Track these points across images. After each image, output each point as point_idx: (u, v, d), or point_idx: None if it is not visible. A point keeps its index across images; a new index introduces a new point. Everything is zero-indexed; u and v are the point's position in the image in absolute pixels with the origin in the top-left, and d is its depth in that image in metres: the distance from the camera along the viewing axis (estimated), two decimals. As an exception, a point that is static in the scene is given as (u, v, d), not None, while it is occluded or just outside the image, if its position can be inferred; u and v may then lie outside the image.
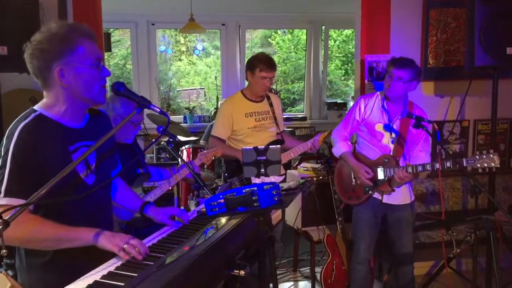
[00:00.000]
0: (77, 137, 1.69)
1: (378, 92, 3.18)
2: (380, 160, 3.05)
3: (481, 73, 3.67)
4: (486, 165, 2.73)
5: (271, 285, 2.56)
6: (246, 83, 3.61)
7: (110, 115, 2.12)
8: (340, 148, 3.20)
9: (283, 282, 4.06)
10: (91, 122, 1.78)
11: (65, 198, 1.61)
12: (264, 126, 3.48)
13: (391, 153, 3.05)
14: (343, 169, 3.26)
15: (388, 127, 3.07)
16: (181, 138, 5.16)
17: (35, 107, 1.67)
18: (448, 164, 2.78)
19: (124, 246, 1.56)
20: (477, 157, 2.75)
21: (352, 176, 3.17)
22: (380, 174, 3.03)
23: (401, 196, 3.13)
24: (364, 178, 3.03)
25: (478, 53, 3.37)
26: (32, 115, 1.62)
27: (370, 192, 3.08)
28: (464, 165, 2.76)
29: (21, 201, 1.47)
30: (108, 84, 1.75)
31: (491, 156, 2.72)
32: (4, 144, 1.57)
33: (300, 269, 4.29)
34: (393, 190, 3.06)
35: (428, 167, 2.85)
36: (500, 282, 2.91)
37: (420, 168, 2.86)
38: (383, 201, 3.13)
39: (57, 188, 1.44)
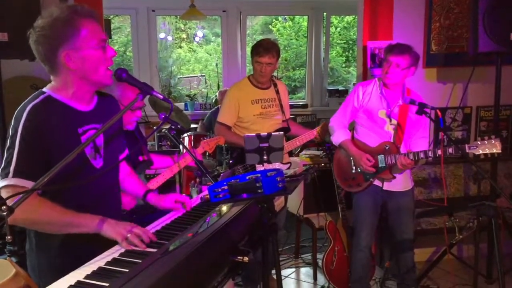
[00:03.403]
0: (86, 119, 1.69)
1: (376, 79, 3.16)
2: (380, 147, 3.04)
3: (484, 59, 3.63)
4: (488, 151, 2.72)
5: (273, 271, 2.58)
6: (247, 70, 3.56)
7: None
8: (339, 136, 3.18)
9: (285, 268, 4.08)
10: (99, 105, 1.77)
11: (73, 183, 1.61)
12: (270, 113, 3.43)
13: (392, 140, 3.04)
14: (342, 157, 3.25)
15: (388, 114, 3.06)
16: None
17: (44, 89, 1.67)
18: (450, 150, 2.77)
19: (128, 235, 1.56)
20: (479, 143, 2.73)
21: (352, 163, 3.16)
22: (381, 162, 3.02)
23: (401, 183, 3.13)
24: (367, 166, 3.03)
25: (481, 39, 3.34)
26: (41, 97, 1.62)
27: (371, 180, 3.08)
28: (466, 151, 2.75)
29: (30, 182, 1.48)
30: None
31: (493, 142, 2.71)
32: (12, 125, 1.57)
33: (302, 256, 4.31)
34: (394, 177, 3.06)
35: (430, 154, 2.84)
36: (502, 268, 2.92)
37: (422, 155, 2.86)
38: (384, 188, 3.13)
39: (65, 171, 1.43)
